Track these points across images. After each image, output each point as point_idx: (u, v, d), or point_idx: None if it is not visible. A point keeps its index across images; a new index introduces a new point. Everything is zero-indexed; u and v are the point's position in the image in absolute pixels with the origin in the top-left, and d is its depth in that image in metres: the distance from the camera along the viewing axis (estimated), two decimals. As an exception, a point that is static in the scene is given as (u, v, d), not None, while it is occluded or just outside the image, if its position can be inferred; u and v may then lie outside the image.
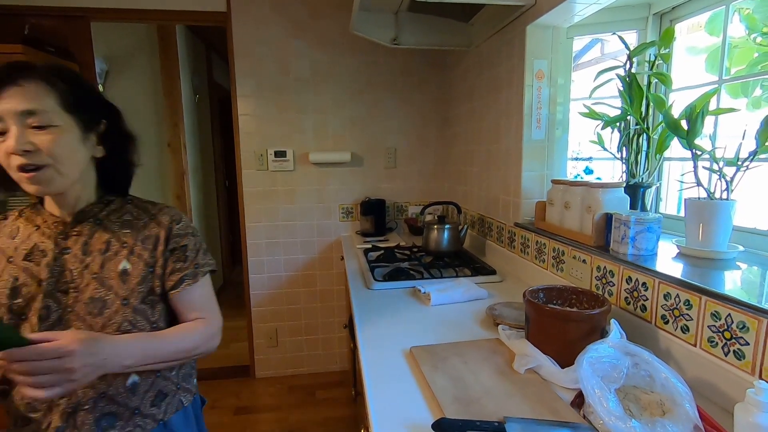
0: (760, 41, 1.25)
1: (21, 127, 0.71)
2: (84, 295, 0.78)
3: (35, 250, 0.79)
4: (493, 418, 0.73)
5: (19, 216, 0.83)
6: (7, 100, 0.71)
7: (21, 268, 0.78)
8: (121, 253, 0.83)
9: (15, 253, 0.79)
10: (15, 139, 0.70)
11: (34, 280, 0.77)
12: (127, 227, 0.87)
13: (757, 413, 0.57)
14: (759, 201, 1.09)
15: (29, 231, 0.81)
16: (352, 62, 2.44)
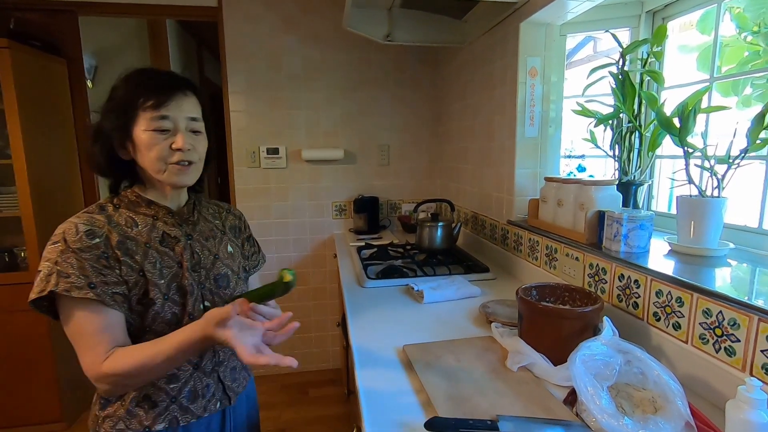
0: (750, 40, 1.26)
1: (185, 130, 0.84)
2: (212, 273, 0.91)
3: (167, 237, 0.87)
4: (485, 417, 0.72)
5: (117, 208, 0.85)
6: (178, 105, 0.83)
7: (161, 252, 0.84)
8: (224, 239, 0.99)
9: (150, 240, 0.84)
10: (184, 138, 0.83)
11: (174, 262, 0.85)
12: (216, 218, 1.01)
13: (748, 410, 0.58)
14: (748, 199, 1.10)
15: (148, 221, 0.86)
16: (344, 59, 2.42)
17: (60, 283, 0.73)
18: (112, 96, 0.84)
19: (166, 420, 0.84)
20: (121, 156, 0.85)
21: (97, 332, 0.75)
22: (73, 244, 0.76)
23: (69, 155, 2.29)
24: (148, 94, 0.81)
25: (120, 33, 3.15)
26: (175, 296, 0.84)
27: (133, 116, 0.81)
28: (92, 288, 0.74)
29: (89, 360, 0.74)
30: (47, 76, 2.13)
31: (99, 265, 0.76)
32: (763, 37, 1.24)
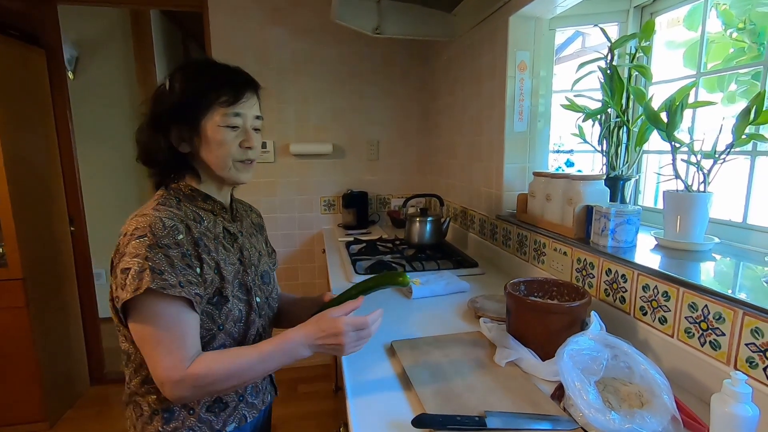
0: (735, 36, 1.27)
1: (251, 128, 0.84)
2: (259, 270, 0.92)
3: (227, 234, 0.86)
4: (473, 413, 0.72)
5: (179, 202, 0.82)
6: (249, 103, 0.83)
7: (227, 249, 0.84)
8: (259, 236, 1.00)
9: (218, 236, 0.83)
10: (253, 137, 0.83)
11: (236, 259, 0.85)
12: (246, 215, 1.00)
13: (733, 404, 0.58)
14: (733, 193, 1.11)
15: (210, 216, 0.85)
16: (333, 52, 2.39)
17: (155, 280, 0.68)
18: (178, 88, 0.80)
19: (236, 419, 0.84)
20: (180, 149, 0.81)
21: (182, 334, 0.71)
22: (162, 239, 0.71)
23: (49, 150, 2.23)
24: (224, 89, 0.79)
25: (102, 23, 3.08)
26: (239, 293, 0.83)
27: (204, 110, 0.78)
28: (182, 287, 0.70)
29: (169, 363, 0.69)
30: (25, 67, 2.06)
31: (183, 264, 0.72)
32: (748, 33, 1.25)
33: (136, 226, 0.72)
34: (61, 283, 2.29)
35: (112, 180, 3.24)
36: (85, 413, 2.26)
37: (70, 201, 2.34)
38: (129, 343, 0.80)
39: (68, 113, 2.27)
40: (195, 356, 0.72)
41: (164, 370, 0.69)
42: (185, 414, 0.79)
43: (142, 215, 0.74)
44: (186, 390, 0.70)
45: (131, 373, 0.82)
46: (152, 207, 0.77)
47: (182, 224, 0.76)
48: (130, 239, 0.71)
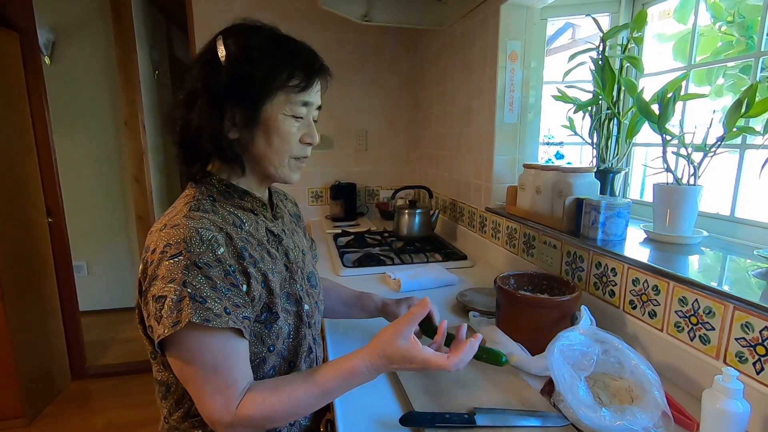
0: (724, 30, 1.26)
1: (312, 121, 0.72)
2: (305, 272, 0.80)
3: (270, 236, 0.74)
4: (462, 409, 0.71)
5: (214, 201, 0.69)
6: (316, 92, 0.70)
7: (273, 255, 0.72)
8: (298, 230, 0.88)
9: (262, 241, 0.71)
10: (316, 132, 0.72)
11: (282, 265, 0.73)
12: (284, 208, 0.88)
13: (724, 400, 0.57)
14: (720, 187, 1.11)
15: (250, 216, 0.72)
16: (320, 39, 2.33)
17: (198, 311, 0.56)
18: (234, 55, 0.65)
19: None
20: (229, 134, 0.67)
21: (230, 370, 0.60)
22: (199, 257, 0.58)
23: (24, 137, 2.14)
24: (297, 71, 0.66)
25: (80, 5, 2.96)
26: (287, 305, 0.71)
27: (271, 93, 0.65)
28: (228, 314, 0.59)
29: (220, 404, 0.59)
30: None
31: (227, 284, 0.60)
32: (737, 26, 1.24)
33: (168, 241, 0.59)
34: (39, 276, 2.22)
35: (93, 170, 3.15)
36: (65, 408, 2.21)
37: (48, 192, 2.26)
38: (168, 372, 0.69)
39: (44, 100, 2.18)
40: (246, 389, 0.61)
41: (214, 412, 0.59)
42: None
43: (173, 226, 0.60)
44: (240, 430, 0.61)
45: (171, 405, 0.71)
46: (184, 214, 0.63)
47: (222, 233, 0.62)
48: (162, 258, 0.58)
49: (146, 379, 2.44)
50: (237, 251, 0.63)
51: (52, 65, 2.93)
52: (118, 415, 2.15)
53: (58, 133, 2.37)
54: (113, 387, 2.39)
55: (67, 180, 2.63)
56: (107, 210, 3.22)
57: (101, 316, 3.21)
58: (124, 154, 3.13)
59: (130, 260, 3.31)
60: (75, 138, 3.04)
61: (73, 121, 3.02)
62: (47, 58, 2.89)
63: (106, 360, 2.64)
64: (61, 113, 2.92)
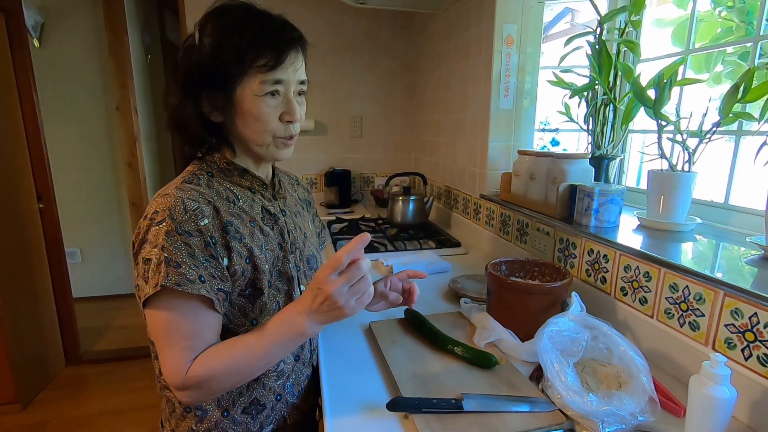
0: (724, 15, 1.24)
1: (294, 95, 0.70)
2: (304, 254, 0.81)
3: (266, 214, 0.75)
4: (450, 395, 0.70)
5: (212, 177, 0.71)
6: (293, 64, 0.68)
7: (265, 232, 0.73)
8: (304, 214, 0.89)
9: (255, 218, 0.72)
10: (296, 108, 0.70)
11: (276, 243, 0.74)
12: (293, 191, 0.90)
13: (711, 385, 0.57)
14: (715, 174, 1.10)
15: (246, 194, 0.74)
16: (314, 22, 2.29)
17: (170, 275, 0.59)
18: (209, 45, 0.65)
19: (274, 421, 0.76)
20: (212, 118, 0.69)
21: (192, 335, 0.62)
22: (182, 225, 0.61)
23: (12, 121, 2.10)
24: (262, 49, 0.64)
25: (68, -14, 2.88)
26: (277, 283, 0.73)
27: (238, 75, 0.65)
28: (203, 282, 0.61)
29: (171, 366, 0.61)
30: (-18, 32, 1.92)
31: (206, 254, 0.62)
32: (737, 12, 1.22)
33: (156, 208, 0.62)
34: (30, 262, 2.20)
35: (85, 155, 3.10)
36: (59, 394, 2.21)
37: (38, 177, 2.23)
38: None
39: (32, 82, 2.13)
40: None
41: (168, 372, 0.62)
42: (218, 416, 0.72)
43: (164, 195, 0.64)
44: (192, 393, 0.63)
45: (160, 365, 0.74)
46: (176, 185, 0.66)
47: (209, 206, 0.65)
48: (150, 224, 0.62)
49: (141, 365, 2.45)
50: (222, 225, 0.66)
51: (42, 48, 2.87)
52: (112, 400, 2.15)
53: (48, 117, 2.33)
54: (108, 373, 2.39)
55: (58, 165, 2.59)
56: (100, 196, 3.19)
57: (96, 302, 3.21)
58: (116, 140, 3.09)
59: (124, 247, 3.29)
60: (66, 123, 2.99)
61: (64, 106, 2.97)
62: (36, 40, 2.82)
63: (100, 346, 2.65)
64: (51, 97, 2.87)
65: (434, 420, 0.64)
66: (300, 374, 0.81)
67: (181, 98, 0.68)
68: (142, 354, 2.53)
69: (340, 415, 0.68)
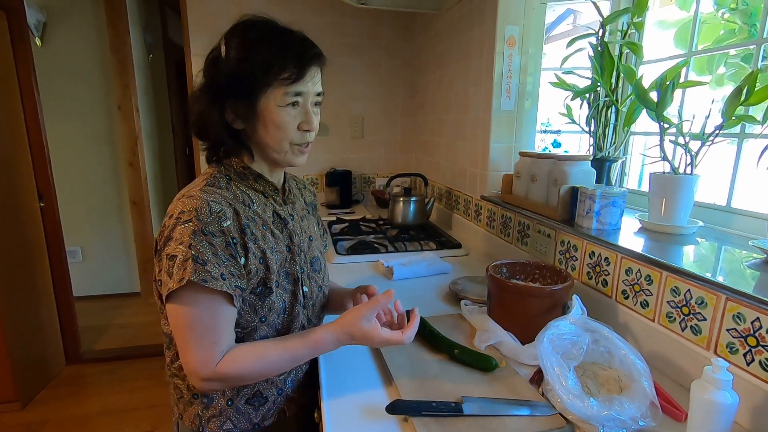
0: (727, 17, 1.23)
1: (311, 106, 0.75)
2: (308, 256, 0.84)
3: (277, 218, 0.80)
4: (450, 398, 0.70)
5: (229, 181, 0.76)
6: (312, 79, 0.73)
7: (276, 235, 0.77)
8: (310, 218, 0.92)
9: (267, 221, 0.77)
10: (313, 118, 0.75)
11: (284, 246, 0.78)
12: (300, 195, 0.93)
13: (713, 390, 0.56)
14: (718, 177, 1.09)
15: (260, 198, 0.78)
16: (316, 21, 2.29)
17: (197, 271, 0.63)
18: (228, 54, 0.71)
19: (275, 414, 0.80)
20: (234, 125, 0.74)
21: (216, 329, 0.67)
22: (207, 226, 0.66)
23: (13, 120, 2.10)
24: (287, 63, 0.69)
25: (71, -15, 2.89)
26: (284, 283, 0.77)
27: (263, 86, 0.70)
28: (224, 279, 0.66)
29: (200, 359, 0.66)
30: (-17, 30, 1.92)
31: (226, 254, 0.67)
32: (740, 14, 1.22)
33: (182, 209, 0.67)
34: (31, 261, 2.20)
35: (86, 154, 3.11)
36: (59, 393, 2.21)
37: (39, 175, 2.23)
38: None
39: (34, 81, 2.13)
40: (226, 351, 0.68)
41: (195, 364, 0.66)
42: (223, 404, 0.76)
43: (189, 197, 0.68)
44: (213, 386, 0.69)
45: (173, 355, 0.78)
46: (200, 187, 0.71)
47: (230, 209, 0.70)
48: (176, 223, 0.66)
49: (141, 364, 2.45)
50: (241, 226, 0.70)
51: (44, 47, 2.88)
52: (112, 399, 2.15)
53: (49, 116, 2.33)
54: (108, 372, 2.39)
55: (59, 164, 2.59)
56: (101, 195, 3.19)
57: (97, 301, 3.21)
58: (117, 139, 3.10)
59: (125, 246, 3.29)
60: (67, 122, 3.00)
61: (65, 105, 2.97)
62: (38, 39, 2.83)
63: (101, 345, 2.65)
64: (53, 96, 2.88)
65: (434, 423, 0.64)
66: (299, 369, 0.84)
67: (206, 105, 0.72)
68: (143, 353, 2.53)
69: (340, 418, 0.68)
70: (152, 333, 2.69)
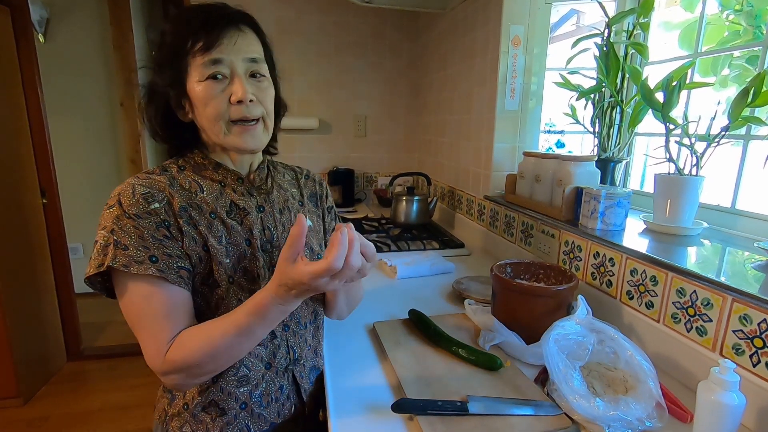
0: (732, 19, 1.23)
1: (245, 75, 0.68)
2: None
3: (234, 208, 0.72)
4: (455, 397, 0.70)
5: (181, 170, 0.71)
6: (232, 43, 0.66)
7: (228, 226, 0.70)
8: (302, 210, 0.83)
9: (216, 209, 0.70)
10: (243, 86, 0.66)
11: (242, 239, 0.71)
12: (293, 186, 0.86)
13: (720, 392, 0.56)
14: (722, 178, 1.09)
15: (215, 187, 0.72)
16: (320, 21, 2.29)
17: (118, 257, 0.60)
18: (159, 44, 0.68)
19: (236, 429, 0.72)
20: (181, 117, 0.70)
21: (160, 316, 0.63)
22: (129, 208, 0.62)
23: (16, 117, 2.10)
24: (195, 34, 0.64)
25: (74, -18, 2.88)
26: (241, 280, 0.70)
27: (183, 65, 0.66)
28: (153, 262, 0.62)
29: (152, 350, 0.62)
30: (-12, 26, 1.92)
31: (159, 235, 0.63)
32: (744, 15, 1.21)
33: (111, 194, 0.65)
34: (33, 257, 2.20)
35: (88, 150, 3.10)
36: (60, 389, 2.21)
37: (42, 172, 2.23)
38: None
39: (37, 77, 2.13)
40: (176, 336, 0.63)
41: (148, 357, 0.63)
42: (180, 406, 0.72)
43: (122, 183, 0.66)
44: (173, 378, 0.64)
45: None
46: (136, 174, 0.68)
47: (161, 192, 0.65)
48: (105, 209, 0.65)
49: (142, 361, 2.42)
50: (176, 210, 0.66)
51: (47, 43, 2.88)
52: (113, 396, 2.15)
53: (52, 112, 2.33)
54: (109, 368, 2.39)
55: (62, 160, 2.59)
56: (103, 191, 3.19)
57: (98, 298, 3.17)
58: (120, 135, 3.09)
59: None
60: (70, 118, 3.00)
61: (68, 101, 2.97)
62: (41, 36, 2.83)
63: (102, 342, 2.65)
64: (55, 93, 2.87)
65: (439, 422, 0.64)
66: (272, 384, 0.74)
67: (147, 103, 0.71)
68: (144, 350, 2.53)
69: (345, 416, 0.68)
70: (153, 330, 2.69)
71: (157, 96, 0.69)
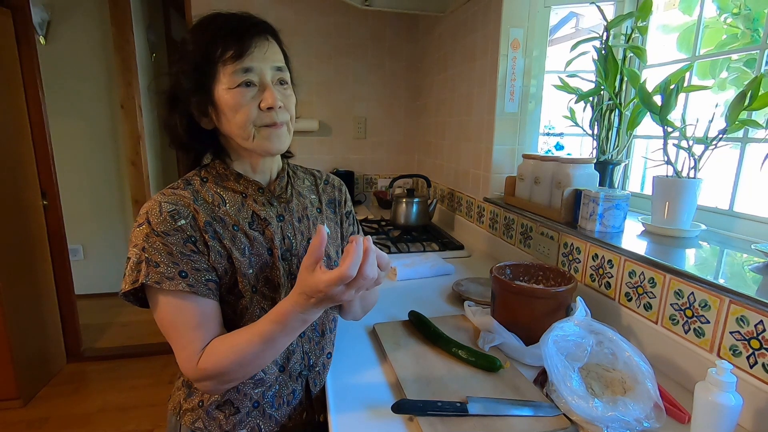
0: (729, 22, 1.24)
1: (272, 83, 0.70)
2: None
3: (256, 219, 0.74)
4: (455, 398, 0.71)
5: (204, 182, 0.73)
6: (262, 52, 0.69)
7: (250, 237, 0.72)
8: (320, 218, 0.84)
9: (238, 222, 0.72)
10: (274, 94, 0.69)
11: (264, 249, 0.73)
12: (312, 192, 0.86)
13: (717, 392, 0.57)
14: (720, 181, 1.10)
15: (237, 198, 0.73)
16: (320, 22, 2.30)
17: (150, 274, 0.63)
18: (182, 52, 0.69)
19: (247, 427, 0.74)
20: (203, 125, 0.71)
21: (191, 327, 0.66)
22: (158, 226, 0.65)
23: (17, 119, 2.10)
24: (227, 42, 0.66)
25: (75, -16, 2.89)
26: (264, 289, 0.72)
27: (211, 73, 0.67)
28: (183, 277, 0.65)
29: (185, 359, 0.66)
30: (-11, 28, 1.93)
31: (187, 250, 0.66)
32: (742, 19, 1.22)
33: (140, 212, 0.67)
34: (33, 259, 2.21)
35: (89, 152, 3.11)
36: (60, 390, 2.21)
37: (42, 173, 2.24)
38: None
39: (38, 79, 2.14)
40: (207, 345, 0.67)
41: (181, 365, 0.66)
42: (195, 403, 0.74)
43: (148, 201, 0.68)
44: (206, 385, 0.67)
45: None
46: (161, 191, 0.70)
47: (187, 208, 0.67)
48: (135, 227, 0.67)
49: (142, 362, 2.45)
50: (201, 225, 0.68)
51: (48, 45, 2.88)
52: (113, 397, 2.16)
53: (53, 114, 2.33)
54: (109, 370, 2.39)
55: (62, 162, 2.60)
56: (104, 193, 3.20)
57: (98, 299, 3.21)
58: (120, 137, 3.10)
59: (127, 244, 3.28)
60: (71, 120, 3.00)
61: (69, 103, 2.98)
62: (42, 38, 2.84)
63: (102, 343, 2.65)
64: (56, 95, 2.88)
65: (439, 423, 0.65)
66: (284, 387, 0.76)
67: (169, 111, 0.72)
68: (144, 351, 2.53)
69: (345, 416, 0.69)
70: (153, 332, 2.69)
71: (181, 104, 0.70)
